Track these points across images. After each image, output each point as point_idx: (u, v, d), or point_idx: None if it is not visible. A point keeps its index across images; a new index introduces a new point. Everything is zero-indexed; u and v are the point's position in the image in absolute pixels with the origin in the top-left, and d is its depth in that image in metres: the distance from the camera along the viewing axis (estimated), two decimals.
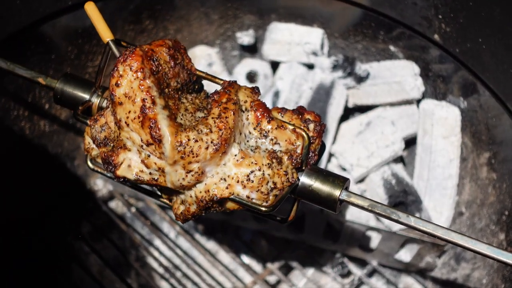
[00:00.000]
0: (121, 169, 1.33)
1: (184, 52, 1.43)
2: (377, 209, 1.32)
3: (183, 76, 1.41)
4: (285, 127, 1.34)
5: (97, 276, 2.26)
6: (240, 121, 1.33)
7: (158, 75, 1.33)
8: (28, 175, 2.21)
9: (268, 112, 1.35)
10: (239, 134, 1.33)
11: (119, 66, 1.31)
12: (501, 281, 1.98)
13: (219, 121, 1.29)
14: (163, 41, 1.39)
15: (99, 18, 1.50)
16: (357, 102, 2.29)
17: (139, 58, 1.30)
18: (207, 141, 1.28)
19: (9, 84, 2.05)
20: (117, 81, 1.30)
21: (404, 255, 2.15)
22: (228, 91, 1.34)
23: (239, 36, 2.41)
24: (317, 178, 1.35)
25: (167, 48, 1.38)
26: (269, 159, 1.32)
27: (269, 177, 1.31)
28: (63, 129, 2.29)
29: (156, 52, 1.36)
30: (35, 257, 2.24)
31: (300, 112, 1.40)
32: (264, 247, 2.36)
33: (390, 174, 2.14)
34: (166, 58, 1.37)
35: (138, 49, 1.32)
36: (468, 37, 1.92)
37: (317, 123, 1.39)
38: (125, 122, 1.30)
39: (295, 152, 1.34)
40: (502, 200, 2.03)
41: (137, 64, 1.30)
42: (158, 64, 1.34)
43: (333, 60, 2.24)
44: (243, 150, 1.32)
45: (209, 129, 1.28)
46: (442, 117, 2.13)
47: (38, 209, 2.28)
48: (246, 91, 1.38)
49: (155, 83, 1.31)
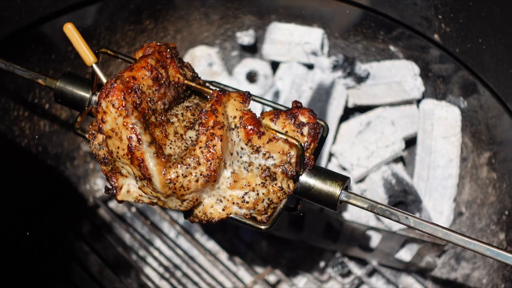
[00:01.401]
0: (121, 194, 1.37)
1: (171, 61, 1.38)
2: (377, 208, 1.32)
3: (170, 94, 1.37)
4: (277, 139, 1.30)
5: (97, 276, 2.26)
6: (230, 140, 1.31)
7: (142, 106, 1.31)
8: (28, 175, 2.21)
9: (258, 127, 1.30)
10: (230, 155, 1.32)
11: (102, 101, 1.29)
12: (501, 281, 1.98)
13: (207, 151, 1.27)
14: (145, 61, 1.34)
15: (79, 40, 1.43)
16: (357, 102, 2.29)
17: (120, 94, 1.28)
18: (196, 174, 1.28)
19: (9, 84, 2.05)
20: (102, 117, 1.30)
21: (404, 255, 2.15)
22: (215, 111, 1.29)
23: (239, 36, 2.41)
24: (317, 177, 1.35)
25: (150, 71, 1.33)
26: (262, 178, 1.32)
27: (264, 195, 1.33)
28: (63, 129, 2.29)
29: (138, 78, 1.31)
30: (35, 257, 2.24)
31: (294, 114, 1.35)
32: (264, 247, 2.36)
33: (390, 174, 2.15)
34: (149, 83, 1.32)
35: (119, 83, 1.28)
36: (468, 37, 1.92)
37: (312, 125, 1.34)
38: (117, 156, 1.31)
39: (289, 164, 1.32)
40: (502, 200, 2.03)
41: (118, 101, 1.27)
42: (141, 92, 1.31)
43: (333, 60, 2.24)
44: (236, 171, 1.33)
45: (197, 162, 1.28)
46: (442, 117, 2.13)
47: (38, 209, 2.28)
48: (236, 102, 1.32)
49: (139, 118, 1.29)
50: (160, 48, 1.39)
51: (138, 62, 1.34)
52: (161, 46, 1.40)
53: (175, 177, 1.27)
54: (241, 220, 1.34)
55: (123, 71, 1.32)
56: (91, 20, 2.15)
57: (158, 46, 1.40)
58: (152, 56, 1.36)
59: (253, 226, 1.33)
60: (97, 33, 2.20)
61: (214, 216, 1.34)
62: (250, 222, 1.34)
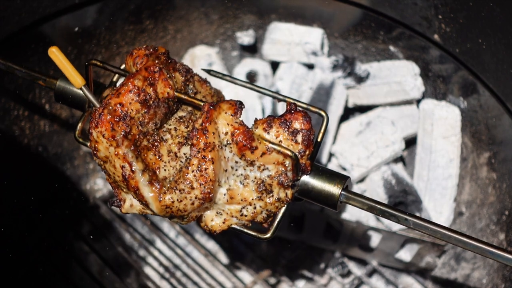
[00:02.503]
0: (125, 208, 1.39)
1: (160, 74, 1.34)
2: (377, 208, 1.32)
3: (161, 112, 1.35)
4: (271, 150, 1.29)
5: (97, 276, 2.26)
6: (224, 158, 1.30)
7: (132, 132, 1.31)
8: (28, 175, 2.21)
9: (250, 142, 1.28)
10: (224, 171, 1.32)
11: (93, 131, 1.30)
12: (501, 281, 1.98)
13: (199, 175, 1.28)
14: (132, 83, 1.31)
15: (65, 64, 1.40)
16: (357, 102, 2.29)
17: (108, 125, 1.28)
18: (191, 197, 1.30)
19: (9, 84, 2.05)
20: (94, 145, 1.31)
21: (404, 255, 2.15)
22: (206, 131, 1.27)
23: (239, 36, 2.41)
24: (317, 177, 1.35)
25: (137, 94, 1.31)
26: (259, 192, 1.32)
27: (261, 208, 1.34)
28: (63, 129, 2.29)
29: (125, 104, 1.30)
30: (35, 257, 2.24)
31: (287, 122, 1.31)
32: (264, 247, 2.36)
33: (390, 174, 2.15)
34: (137, 107, 1.31)
35: (106, 113, 1.28)
36: (468, 37, 1.92)
37: (306, 131, 1.31)
38: (115, 179, 1.33)
39: (285, 175, 1.31)
40: (502, 200, 2.03)
41: (107, 132, 1.28)
42: (130, 118, 1.30)
43: (333, 60, 2.24)
44: (231, 187, 1.33)
45: (191, 186, 1.29)
46: (442, 117, 2.13)
47: (38, 209, 2.28)
48: (227, 116, 1.29)
49: (130, 146, 1.30)
50: (147, 62, 1.36)
51: (124, 85, 1.31)
52: (149, 58, 1.36)
53: (171, 202, 1.30)
54: (243, 230, 1.37)
55: (111, 97, 1.30)
56: (91, 20, 2.15)
57: (146, 57, 1.36)
58: (139, 76, 1.33)
59: (255, 236, 1.36)
60: (97, 33, 2.20)
61: (215, 229, 1.37)
62: (252, 232, 1.36)
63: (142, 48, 1.40)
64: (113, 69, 1.44)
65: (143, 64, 1.35)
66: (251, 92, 2.30)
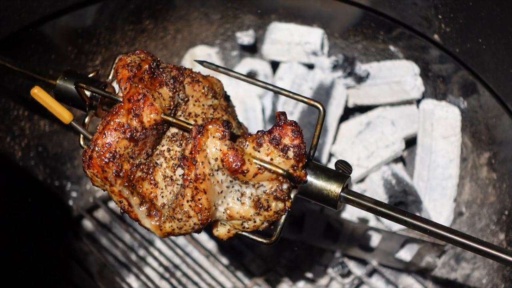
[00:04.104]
0: None
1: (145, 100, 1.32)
2: (378, 207, 1.32)
3: (151, 140, 1.36)
4: (263, 169, 1.28)
5: (97, 276, 2.26)
6: (217, 182, 1.31)
7: (124, 168, 1.33)
8: (27, 175, 2.21)
9: (241, 166, 1.27)
10: (220, 193, 1.33)
11: (86, 171, 1.34)
12: (501, 281, 1.98)
13: (194, 205, 1.31)
14: (115, 121, 1.30)
15: (50, 103, 1.41)
16: (357, 102, 2.29)
17: (99, 168, 1.32)
18: (190, 224, 1.35)
19: (9, 84, 2.05)
20: (92, 182, 1.37)
21: (404, 255, 2.15)
22: (195, 161, 1.28)
23: (239, 36, 2.41)
24: (317, 176, 1.35)
25: (122, 131, 1.31)
26: (256, 209, 1.33)
27: (261, 221, 1.36)
28: (63, 129, 2.29)
29: (113, 144, 1.31)
30: (35, 257, 2.24)
31: (276, 138, 1.29)
32: (264, 247, 2.36)
33: (390, 174, 2.15)
34: (125, 143, 1.31)
35: (95, 157, 1.31)
36: (468, 37, 1.92)
37: (296, 147, 1.28)
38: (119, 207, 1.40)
39: (280, 191, 1.31)
40: (502, 200, 2.03)
41: (99, 174, 1.32)
42: (119, 156, 1.31)
43: (333, 60, 2.24)
44: (229, 205, 1.34)
45: (188, 215, 1.33)
46: (442, 117, 2.13)
47: (38, 209, 2.28)
48: (215, 140, 1.28)
49: (123, 183, 1.33)
50: (130, 89, 1.33)
51: (108, 123, 1.31)
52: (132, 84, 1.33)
53: (172, 230, 1.36)
54: (248, 236, 1.39)
55: (97, 137, 1.32)
56: (91, 20, 2.15)
57: (129, 82, 1.33)
58: (122, 110, 1.32)
59: (260, 242, 1.38)
60: (97, 33, 2.20)
61: (222, 237, 1.41)
62: (257, 238, 1.38)
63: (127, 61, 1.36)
64: (100, 92, 1.42)
65: (126, 91, 1.33)
66: (251, 92, 2.30)
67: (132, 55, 1.39)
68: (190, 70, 1.46)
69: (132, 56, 1.38)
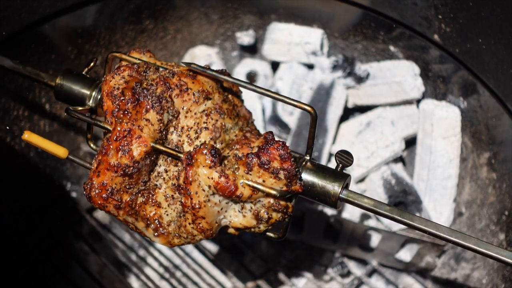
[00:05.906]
0: None
1: (132, 133, 1.31)
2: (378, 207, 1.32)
3: (145, 169, 1.36)
4: (256, 192, 1.30)
5: (97, 276, 2.26)
6: (214, 204, 1.32)
7: (124, 199, 1.36)
8: (27, 175, 2.21)
9: (234, 191, 1.28)
10: (220, 210, 1.34)
11: (89, 200, 1.38)
12: (501, 281, 1.98)
13: (196, 227, 1.35)
14: (106, 163, 1.32)
15: (43, 143, 1.45)
16: (357, 102, 2.29)
17: (100, 205, 1.37)
18: (197, 239, 1.39)
19: (9, 84, 2.05)
20: (97, 208, 1.42)
21: (404, 255, 2.15)
22: (189, 192, 1.30)
23: (239, 36, 2.41)
24: (317, 175, 1.35)
25: (115, 171, 1.32)
26: (257, 220, 1.36)
27: (265, 227, 1.38)
28: (63, 129, 2.29)
29: (108, 182, 1.33)
30: (35, 256, 2.24)
31: (265, 164, 1.28)
32: (264, 247, 2.36)
33: (390, 174, 2.15)
34: (119, 180, 1.33)
35: (93, 195, 1.35)
36: (468, 37, 1.92)
37: (286, 170, 1.28)
38: None
39: (277, 205, 1.32)
40: (502, 200, 2.03)
41: (101, 208, 1.37)
42: (117, 191, 1.34)
43: (333, 60, 2.24)
44: (232, 219, 1.37)
45: (192, 235, 1.37)
46: (442, 117, 2.13)
47: (38, 209, 2.28)
48: (205, 168, 1.28)
49: (126, 213, 1.38)
50: (115, 125, 1.32)
51: (99, 164, 1.33)
52: (116, 119, 1.32)
53: (181, 243, 1.41)
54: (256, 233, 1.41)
55: (93, 176, 1.35)
56: (91, 20, 2.15)
57: (113, 117, 1.32)
58: (110, 150, 1.32)
59: (270, 237, 1.42)
60: (97, 33, 2.20)
61: (232, 234, 1.43)
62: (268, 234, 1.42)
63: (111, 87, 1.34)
64: (88, 120, 1.45)
65: (112, 127, 1.33)
66: (251, 93, 2.30)
67: (116, 75, 1.35)
68: (179, 77, 1.39)
69: (116, 78, 1.34)
